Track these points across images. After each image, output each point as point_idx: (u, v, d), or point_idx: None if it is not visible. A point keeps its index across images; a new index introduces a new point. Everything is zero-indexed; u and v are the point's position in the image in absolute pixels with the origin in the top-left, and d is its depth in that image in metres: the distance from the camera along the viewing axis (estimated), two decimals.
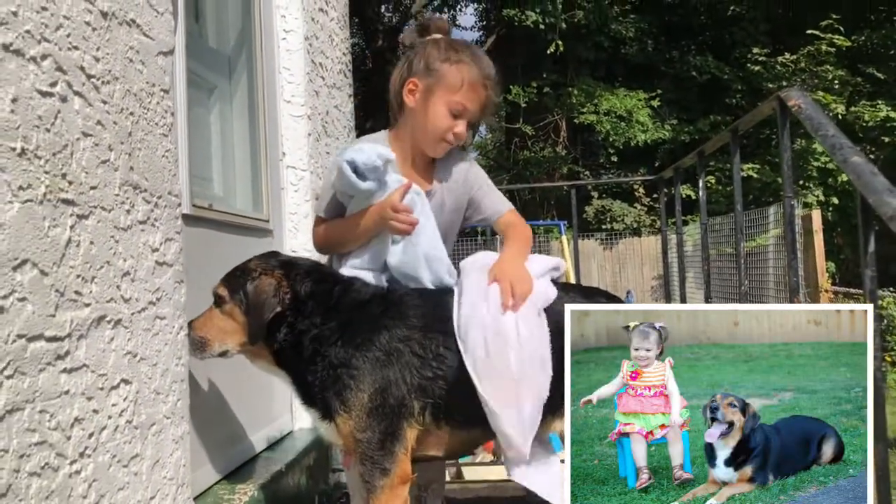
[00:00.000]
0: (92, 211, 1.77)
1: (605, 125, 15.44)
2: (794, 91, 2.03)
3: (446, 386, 2.14)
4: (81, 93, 1.74)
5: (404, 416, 2.11)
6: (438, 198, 2.46)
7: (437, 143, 2.41)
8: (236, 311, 2.22)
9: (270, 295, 2.18)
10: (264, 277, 2.23)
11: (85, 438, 1.69)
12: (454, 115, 2.35)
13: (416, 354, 2.14)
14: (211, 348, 2.24)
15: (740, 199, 2.54)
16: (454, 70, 2.35)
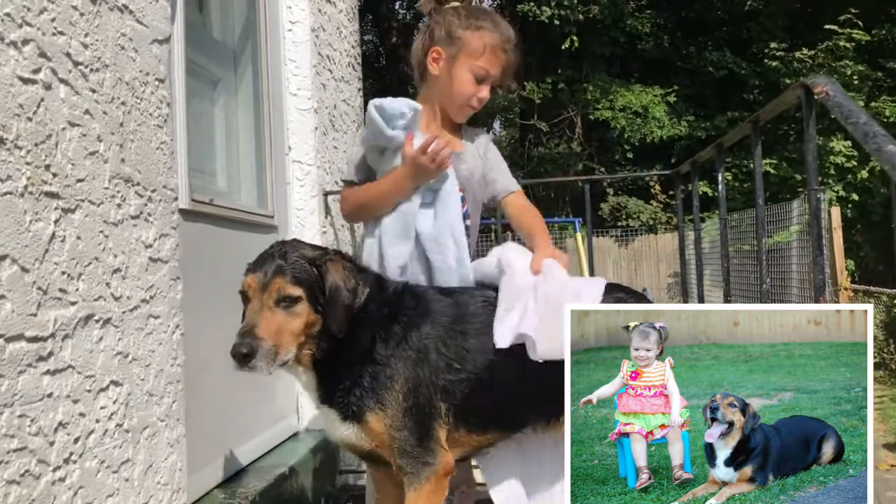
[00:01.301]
0: (79, 204, 1.68)
1: (621, 121, 15.26)
2: (821, 77, 1.92)
3: (467, 388, 2.09)
4: (67, 80, 1.66)
5: (434, 416, 2.07)
6: (469, 164, 2.47)
7: (462, 107, 2.46)
8: (309, 309, 1.97)
9: (355, 282, 2.04)
10: (337, 265, 2.04)
11: (70, 443, 1.61)
12: (478, 80, 2.42)
13: (441, 355, 2.09)
14: (281, 357, 1.93)
15: (762, 192, 2.42)
16: (476, 36, 2.40)
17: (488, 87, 2.44)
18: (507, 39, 2.44)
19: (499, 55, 2.42)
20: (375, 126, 2.31)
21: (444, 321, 2.13)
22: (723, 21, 17.04)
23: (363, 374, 2.03)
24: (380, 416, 2.01)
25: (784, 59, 14.93)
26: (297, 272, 1.98)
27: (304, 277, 1.98)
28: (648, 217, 15.66)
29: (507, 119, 18.24)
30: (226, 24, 3.22)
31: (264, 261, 2.01)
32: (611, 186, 16.21)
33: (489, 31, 2.41)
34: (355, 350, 2.04)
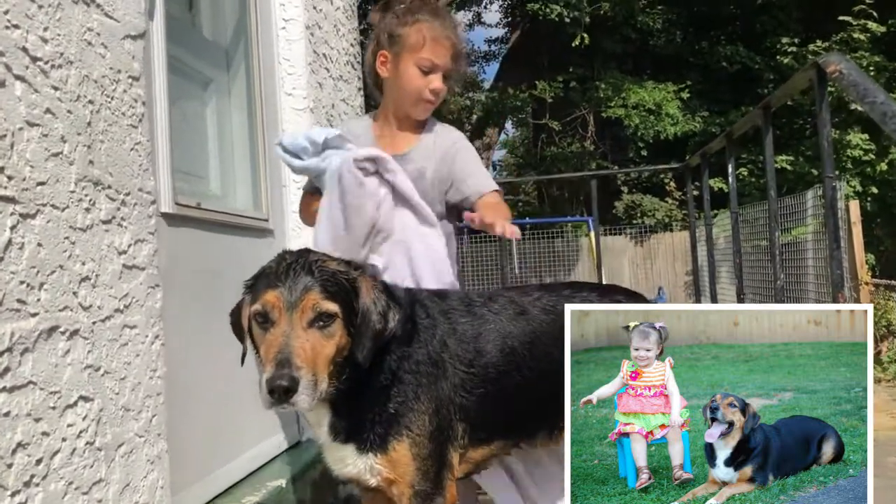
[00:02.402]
0: (40, 209, 1.58)
1: (634, 119, 15.07)
2: (834, 55, 1.78)
3: (482, 403, 1.96)
4: (24, 77, 1.56)
5: (450, 440, 1.92)
6: (417, 164, 2.43)
7: (417, 103, 2.45)
8: (343, 330, 1.73)
9: (386, 304, 1.82)
10: (367, 282, 1.84)
11: (31, 465, 1.51)
12: (425, 71, 2.40)
13: (458, 369, 1.94)
14: (320, 388, 1.66)
15: (773, 183, 2.29)
16: (414, 30, 2.40)
17: (438, 76, 2.42)
18: (447, 26, 2.44)
19: (441, 43, 2.40)
20: (285, 161, 2.37)
21: (461, 333, 1.99)
22: (735, 15, 16.82)
23: (388, 399, 1.83)
24: (406, 445, 1.83)
25: (798, 52, 14.70)
26: (331, 286, 1.72)
27: (339, 292, 1.73)
28: (664, 215, 15.46)
29: (518, 119, 18.10)
30: (216, 23, 3.12)
31: (286, 274, 1.71)
32: (625, 184, 16.03)
33: (426, 21, 2.41)
34: (378, 373, 1.83)
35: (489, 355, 1.99)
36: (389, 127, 2.52)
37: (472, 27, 19.90)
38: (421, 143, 2.49)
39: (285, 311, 1.66)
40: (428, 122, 2.54)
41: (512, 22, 19.30)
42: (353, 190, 2.23)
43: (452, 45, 2.42)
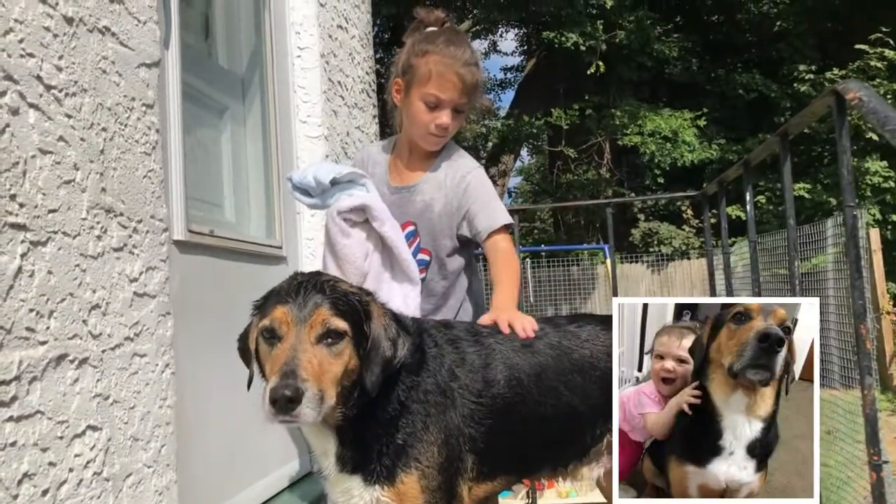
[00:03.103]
0: (51, 237, 1.57)
1: (650, 146, 15.02)
2: (853, 83, 1.76)
3: (488, 435, 1.91)
4: (38, 105, 1.56)
5: (460, 473, 1.87)
6: (425, 196, 2.41)
7: (424, 137, 2.39)
8: (352, 351, 1.70)
9: (396, 333, 1.78)
10: (379, 308, 1.80)
11: (37, 496, 1.49)
12: (430, 107, 2.33)
13: (467, 399, 1.90)
14: (326, 403, 1.61)
15: (792, 211, 2.25)
16: (422, 62, 2.33)
17: (446, 112, 2.33)
18: (456, 60, 2.32)
19: (448, 78, 2.30)
20: (295, 197, 2.39)
21: (469, 363, 1.95)
22: (751, 43, 16.83)
23: (396, 429, 1.79)
24: (415, 477, 1.78)
25: (815, 80, 14.67)
26: (342, 305, 1.69)
27: (349, 312, 1.70)
28: (681, 242, 15.36)
29: (534, 146, 18.12)
30: (232, 51, 3.14)
31: (297, 292, 1.69)
32: (642, 212, 15.96)
33: (436, 54, 2.32)
34: (386, 403, 1.79)
35: (497, 385, 1.94)
36: (402, 157, 2.48)
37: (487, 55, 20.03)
38: (431, 174, 2.44)
39: (294, 326, 1.64)
40: (444, 149, 2.48)
41: (528, 50, 19.40)
42: (339, 240, 2.24)
43: (461, 80, 2.32)
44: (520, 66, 20.36)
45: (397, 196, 2.42)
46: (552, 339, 2.05)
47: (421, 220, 2.40)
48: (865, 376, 1.83)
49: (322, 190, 2.27)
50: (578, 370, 2.00)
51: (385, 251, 2.31)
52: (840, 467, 4.22)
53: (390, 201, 2.38)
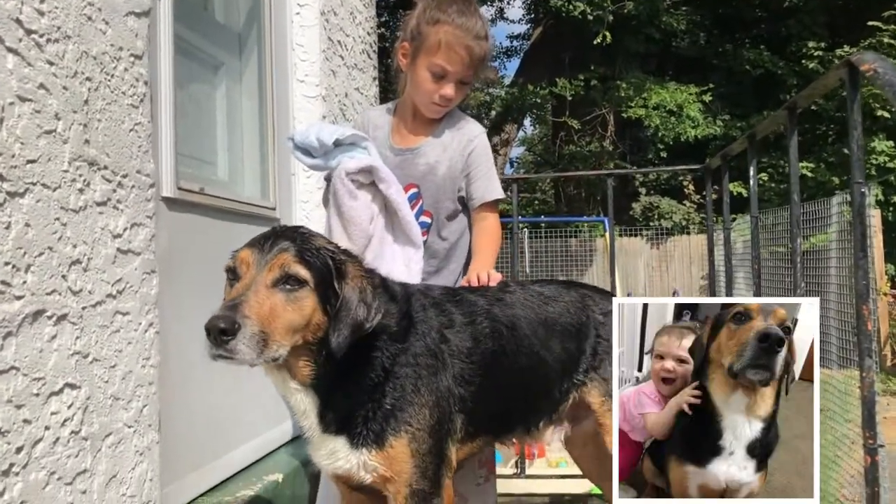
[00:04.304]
0: (29, 188, 1.52)
1: (655, 120, 14.88)
2: (868, 54, 1.68)
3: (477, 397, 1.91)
4: (17, 50, 1.50)
5: (450, 434, 1.86)
6: (429, 158, 2.40)
7: (427, 105, 2.38)
8: (315, 303, 1.64)
9: (372, 297, 1.72)
10: (357, 269, 1.75)
11: (11, 453, 1.45)
12: (436, 77, 2.31)
13: (456, 361, 1.89)
14: (270, 349, 1.55)
15: (797, 187, 2.19)
16: (433, 32, 2.30)
17: (451, 84, 2.32)
18: (467, 33, 2.29)
19: (457, 50, 2.28)
20: (295, 157, 2.35)
21: (457, 323, 1.95)
22: (760, 18, 16.61)
23: (383, 394, 1.76)
24: (405, 440, 1.76)
25: (823, 58, 14.49)
26: (310, 256, 1.64)
27: (316, 263, 1.64)
28: (681, 217, 15.30)
29: (538, 116, 17.98)
30: (229, 5, 3.05)
31: (267, 237, 1.67)
32: (643, 186, 15.88)
33: (447, 24, 2.29)
34: (369, 369, 1.75)
35: (485, 340, 1.96)
36: (406, 120, 2.47)
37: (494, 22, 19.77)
38: (435, 137, 2.43)
39: (253, 267, 1.61)
40: (448, 113, 2.46)
41: (534, 18, 19.15)
42: (346, 202, 2.22)
43: (470, 54, 2.30)
44: (526, 34, 20.11)
45: (400, 158, 2.41)
46: (519, 296, 2.11)
47: (424, 182, 2.39)
48: (865, 358, 1.79)
49: (324, 151, 2.24)
50: (543, 323, 2.08)
51: (388, 214, 2.31)
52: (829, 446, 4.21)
53: (393, 163, 2.37)
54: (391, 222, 2.30)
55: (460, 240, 2.46)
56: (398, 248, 2.29)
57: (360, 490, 1.96)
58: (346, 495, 2.05)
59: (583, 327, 2.11)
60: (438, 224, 2.42)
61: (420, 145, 2.41)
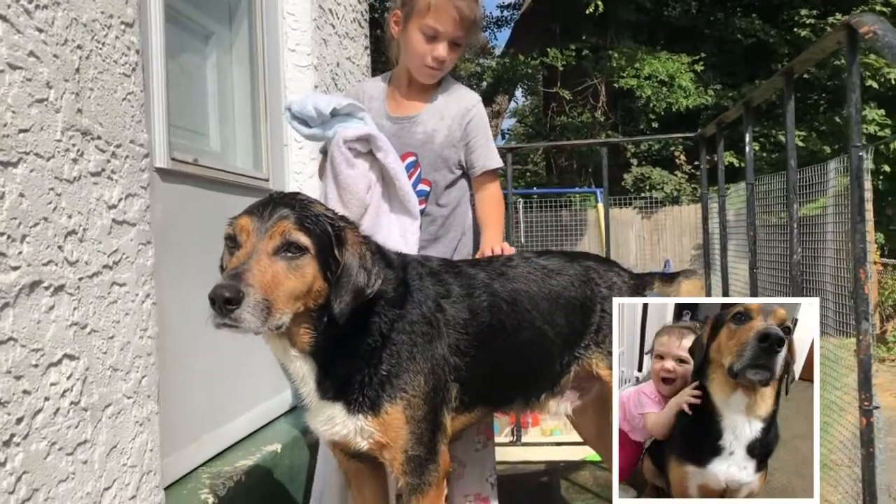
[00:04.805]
0: (22, 157, 1.50)
1: (646, 90, 14.83)
2: (868, 16, 1.67)
3: (473, 366, 1.93)
4: (6, 16, 1.47)
5: (445, 402, 1.89)
6: (427, 126, 2.42)
7: (420, 69, 2.39)
8: (316, 270, 1.64)
9: (372, 263, 1.73)
10: (356, 236, 1.75)
11: (11, 424, 1.44)
12: (428, 38, 2.34)
13: (452, 330, 1.91)
14: (274, 317, 1.55)
15: (794, 153, 2.19)
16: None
17: (443, 44, 2.34)
18: None
19: (447, 10, 2.31)
20: (293, 127, 2.35)
21: (454, 294, 1.96)
22: None
23: (379, 361, 1.77)
24: (400, 407, 1.78)
25: (815, 26, 14.43)
26: (310, 223, 1.64)
27: (316, 231, 1.64)
28: (672, 188, 15.30)
29: (529, 87, 17.88)
30: None
31: (266, 204, 1.66)
32: (634, 156, 15.85)
33: None
34: (366, 335, 1.77)
35: (482, 313, 1.97)
36: (401, 89, 2.48)
37: None
38: (432, 105, 2.45)
39: (253, 235, 1.61)
40: (444, 82, 2.50)
41: None
42: (343, 170, 2.22)
43: (460, 14, 2.32)
44: (517, 3, 19.94)
45: (397, 126, 2.42)
46: (522, 270, 2.11)
47: (422, 150, 2.40)
48: (862, 321, 1.80)
49: (322, 121, 2.24)
50: (546, 298, 2.08)
51: (385, 184, 2.31)
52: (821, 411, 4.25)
53: (390, 132, 2.38)
54: (388, 192, 2.30)
55: (458, 207, 2.46)
56: (394, 217, 2.29)
57: (357, 458, 1.97)
58: (344, 463, 2.06)
59: (587, 301, 2.11)
60: (437, 192, 2.43)
61: (417, 113, 2.43)
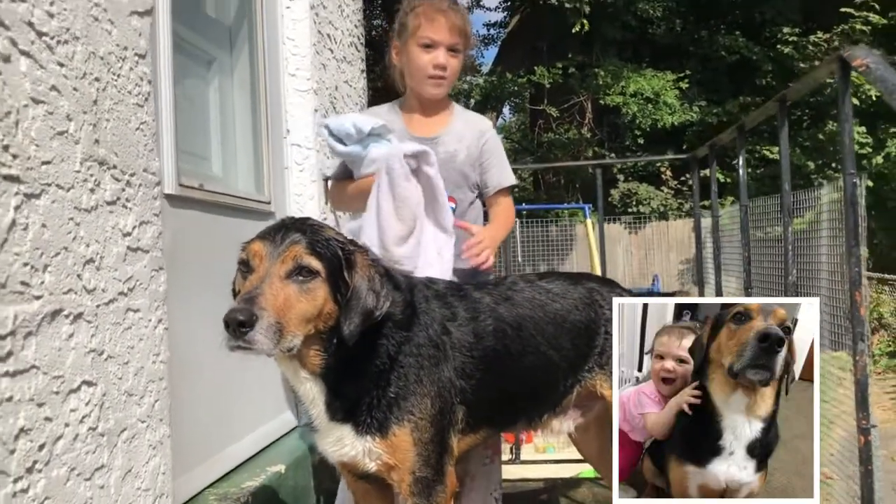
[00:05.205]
0: (44, 189, 1.54)
1: (632, 107, 14.99)
2: (860, 49, 1.74)
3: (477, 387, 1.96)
4: (30, 52, 1.51)
5: (451, 424, 1.92)
6: (448, 147, 2.53)
7: (424, 81, 2.49)
8: (327, 293, 1.68)
9: (380, 286, 1.77)
10: (365, 259, 1.79)
11: (34, 451, 1.47)
12: (426, 49, 2.46)
13: (458, 353, 1.94)
14: (286, 339, 1.60)
15: (788, 177, 2.26)
16: (412, 16, 2.49)
17: (441, 50, 2.46)
18: (442, 2, 2.50)
19: (436, 19, 2.46)
20: (329, 145, 2.42)
21: (460, 317, 1.99)
22: (735, 4, 16.73)
23: (387, 383, 1.80)
24: (407, 429, 1.81)
25: (798, 43, 14.64)
26: (320, 247, 1.68)
27: (327, 254, 1.68)
28: (659, 203, 15.44)
29: (516, 104, 18.01)
30: (221, 1, 3.06)
31: (278, 229, 1.71)
32: (621, 172, 15.98)
33: (422, 5, 2.49)
34: (374, 357, 1.80)
35: (487, 337, 2.00)
36: (416, 112, 2.59)
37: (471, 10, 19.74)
38: (451, 126, 2.56)
39: (266, 260, 1.65)
40: (456, 108, 2.63)
41: (511, 6, 19.16)
42: (402, 182, 2.27)
43: (449, 20, 2.45)
44: (503, 21, 20.11)
45: None
46: (527, 294, 2.14)
47: (445, 170, 2.46)
48: (858, 342, 1.86)
49: (359, 139, 2.33)
50: (552, 322, 2.11)
51: (427, 201, 2.36)
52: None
53: None
54: (429, 209, 2.36)
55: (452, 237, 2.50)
56: (432, 234, 2.34)
57: (365, 479, 2.01)
58: (352, 484, 2.10)
59: (591, 324, 2.14)
60: (461, 209, 2.53)
61: (439, 135, 2.53)
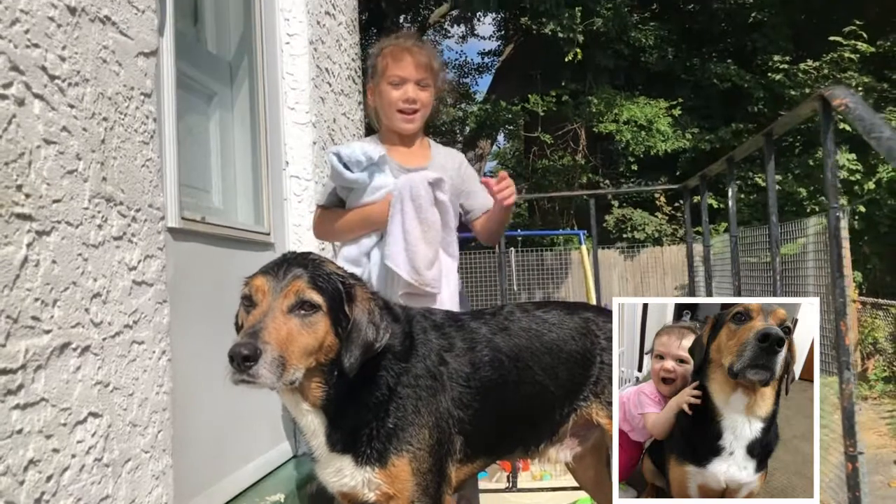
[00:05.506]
0: (55, 226, 1.59)
1: (626, 134, 15.15)
2: (840, 89, 1.81)
3: (475, 417, 2.00)
4: (43, 95, 1.57)
5: (450, 454, 1.95)
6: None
7: (395, 115, 2.62)
8: (328, 327, 1.74)
9: (380, 319, 1.82)
10: (365, 293, 1.85)
11: (42, 482, 1.51)
12: (395, 86, 2.60)
13: (456, 383, 1.98)
14: (289, 372, 1.65)
15: (775, 209, 2.32)
16: (381, 57, 2.65)
17: (409, 85, 2.59)
18: (406, 40, 2.65)
19: (401, 56, 2.60)
20: (335, 171, 2.49)
21: (457, 348, 2.03)
22: (727, 32, 16.97)
23: (386, 414, 1.85)
24: (406, 460, 1.85)
25: (788, 71, 14.83)
26: (322, 282, 1.73)
27: (328, 289, 1.73)
28: (653, 229, 15.53)
29: (510, 131, 18.16)
30: (221, 38, 3.13)
31: (280, 264, 1.78)
32: (615, 198, 16.10)
33: (388, 46, 2.65)
34: (374, 388, 1.85)
35: (484, 368, 2.03)
36: (399, 146, 2.68)
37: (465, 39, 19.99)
38: (434, 159, 2.66)
39: (269, 295, 1.71)
40: (431, 142, 2.74)
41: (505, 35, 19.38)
42: (428, 207, 2.38)
43: (413, 57, 2.59)
44: (497, 50, 20.34)
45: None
46: (524, 324, 2.18)
47: None
48: (844, 371, 1.91)
49: (367, 166, 2.44)
50: (548, 352, 2.15)
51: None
52: None
53: None
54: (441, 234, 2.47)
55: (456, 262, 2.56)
56: (443, 258, 2.45)
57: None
58: None
59: (587, 353, 2.17)
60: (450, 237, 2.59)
61: (426, 166, 2.62)
